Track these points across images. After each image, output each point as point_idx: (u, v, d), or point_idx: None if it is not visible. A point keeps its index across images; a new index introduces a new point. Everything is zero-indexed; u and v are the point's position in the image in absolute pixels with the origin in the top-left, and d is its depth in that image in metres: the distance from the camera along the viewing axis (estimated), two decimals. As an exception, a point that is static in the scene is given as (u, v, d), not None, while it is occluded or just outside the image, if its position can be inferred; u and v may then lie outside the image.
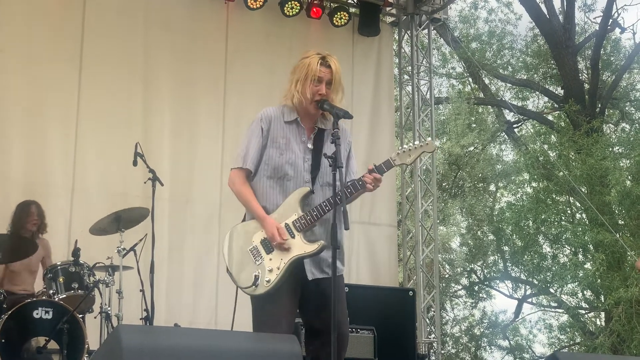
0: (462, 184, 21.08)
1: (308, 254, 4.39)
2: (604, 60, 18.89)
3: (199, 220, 9.52)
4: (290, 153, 4.53)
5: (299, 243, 4.40)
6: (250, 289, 4.36)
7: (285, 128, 4.57)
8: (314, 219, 4.41)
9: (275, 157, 4.53)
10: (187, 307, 9.27)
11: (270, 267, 4.37)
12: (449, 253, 20.96)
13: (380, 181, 4.53)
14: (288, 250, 4.38)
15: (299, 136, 4.58)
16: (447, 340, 21.47)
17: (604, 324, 18.42)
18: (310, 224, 4.42)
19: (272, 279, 4.35)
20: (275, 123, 4.57)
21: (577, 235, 16.22)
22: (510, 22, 20.70)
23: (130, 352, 3.27)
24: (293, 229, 4.42)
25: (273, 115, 4.59)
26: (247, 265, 4.42)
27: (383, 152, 10.57)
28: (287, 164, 4.51)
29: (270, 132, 4.55)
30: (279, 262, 4.38)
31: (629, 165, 16.70)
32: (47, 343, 6.55)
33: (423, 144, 4.65)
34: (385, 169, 4.55)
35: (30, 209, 7.71)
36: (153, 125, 9.43)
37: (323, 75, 4.51)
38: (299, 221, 4.42)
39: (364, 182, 4.46)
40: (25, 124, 8.79)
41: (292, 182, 4.51)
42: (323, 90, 4.50)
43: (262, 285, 4.35)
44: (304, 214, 4.43)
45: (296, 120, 4.58)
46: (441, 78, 21.16)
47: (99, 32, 9.28)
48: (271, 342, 3.84)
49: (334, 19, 10.58)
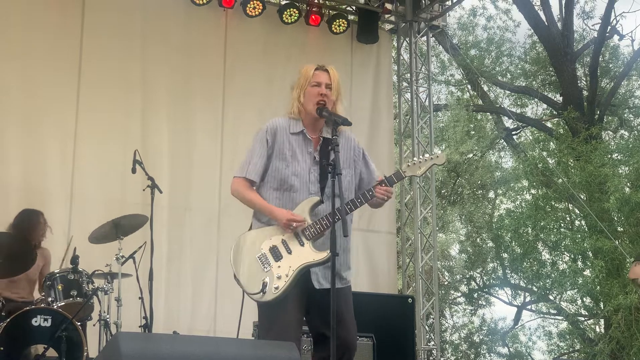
0: (461, 191, 21.09)
1: (317, 261, 4.42)
2: (603, 67, 18.92)
3: (197, 227, 9.51)
4: (296, 165, 4.55)
5: (308, 251, 4.43)
6: (258, 296, 4.36)
7: (291, 139, 4.59)
8: (324, 227, 4.44)
9: (281, 169, 4.55)
10: (186, 314, 9.26)
11: (279, 275, 4.38)
12: (448, 260, 20.97)
13: (391, 193, 4.56)
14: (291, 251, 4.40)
15: (306, 147, 4.60)
16: (447, 347, 21.46)
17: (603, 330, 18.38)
18: (319, 233, 4.45)
19: (281, 285, 4.36)
20: (282, 134, 4.59)
21: (576, 242, 16.21)
22: (509, 29, 20.74)
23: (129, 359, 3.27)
24: (302, 237, 4.45)
25: (279, 126, 4.61)
26: (256, 272, 4.42)
27: (382, 159, 10.59)
28: (293, 175, 4.54)
29: (276, 143, 4.58)
30: (287, 269, 4.40)
31: (627, 172, 16.71)
32: (46, 351, 6.53)
33: (434, 156, 4.72)
34: (396, 180, 4.59)
35: (39, 218, 7.69)
36: (152, 132, 9.43)
37: (320, 79, 4.56)
38: (309, 229, 4.45)
39: (374, 194, 4.48)
40: (23, 132, 8.80)
41: (298, 193, 4.54)
42: (323, 89, 4.54)
43: (271, 292, 4.35)
44: (313, 222, 4.46)
45: (302, 132, 4.60)
46: (440, 85, 21.20)
47: (98, 40, 9.29)
48: (270, 349, 3.84)
49: (332, 27, 10.59)
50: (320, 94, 4.53)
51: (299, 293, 4.42)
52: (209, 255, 9.34)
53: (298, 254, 4.42)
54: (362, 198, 4.51)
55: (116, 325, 7.28)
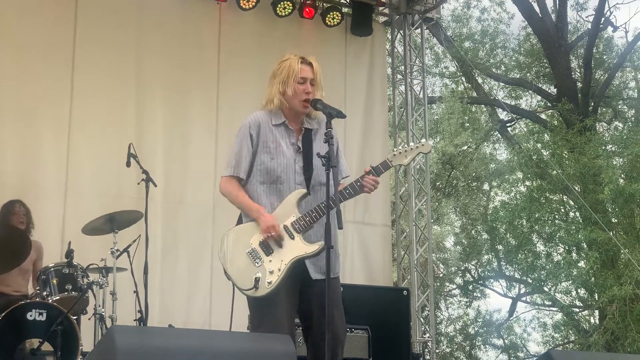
0: (455, 184, 21.11)
1: (309, 254, 4.41)
2: (597, 58, 18.92)
3: (192, 221, 9.51)
4: (281, 157, 4.55)
5: (299, 244, 4.42)
6: (251, 291, 4.35)
7: (274, 131, 4.59)
8: (313, 220, 4.44)
9: (266, 162, 4.54)
10: (181, 307, 9.26)
11: (271, 269, 4.37)
12: (443, 252, 21.00)
13: (378, 183, 4.58)
14: (281, 245, 4.40)
15: (288, 138, 4.60)
16: (442, 339, 21.50)
17: (598, 322, 18.44)
18: (309, 225, 4.44)
19: (274, 280, 4.35)
20: (264, 127, 4.59)
21: (570, 233, 16.23)
22: (503, 21, 20.76)
23: (125, 353, 3.27)
24: (292, 231, 4.44)
25: (261, 120, 4.61)
26: (247, 267, 4.41)
27: (376, 152, 10.58)
28: (278, 167, 4.53)
29: (260, 137, 4.57)
30: (279, 263, 4.39)
31: (621, 163, 16.74)
32: (41, 345, 6.52)
33: (419, 145, 4.73)
34: (383, 170, 4.60)
35: (14, 207, 7.60)
36: (146, 126, 9.42)
37: (306, 74, 4.56)
38: (298, 222, 4.44)
39: (362, 185, 4.50)
40: (18, 126, 8.77)
41: (285, 185, 4.53)
42: (309, 88, 4.55)
43: (264, 287, 4.34)
44: (302, 215, 4.45)
45: (284, 123, 4.60)
46: (434, 77, 21.22)
47: (92, 33, 9.27)
48: (265, 342, 3.84)
49: (326, 19, 10.57)
50: (306, 92, 4.54)
51: (291, 286, 4.41)
52: (204, 248, 9.33)
53: (289, 248, 4.41)
54: (350, 189, 4.51)
55: (111, 319, 7.27)
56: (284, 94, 4.56)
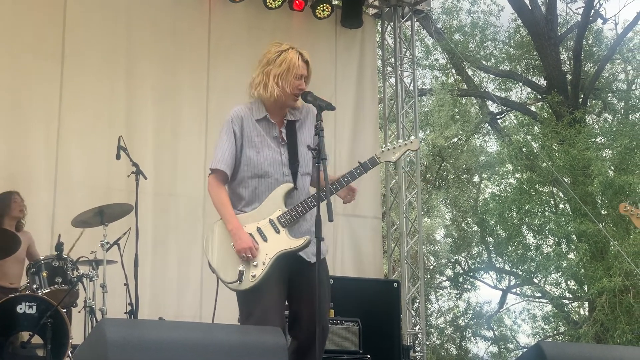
0: (446, 176, 21.14)
1: (294, 249, 4.41)
2: (586, 51, 18.98)
3: (182, 213, 9.50)
4: (267, 150, 4.54)
5: (285, 238, 4.42)
6: (235, 285, 4.35)
7: (257, 126, 4.58)
8: (299, 214, 4.45)
9: (253, 157, 4.54)
10: (171, 300, 9.25)
11: (256, 262, 4.37)
12: (434, 244, 21.03)
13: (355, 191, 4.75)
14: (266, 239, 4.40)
15: (271, 132, 4.59)
16: (432, 331, 21.55)
17: (587, 313, 18.54)
18: (294, 220, 4.45)
19: (258, 274, 4.35)
20: (247, 122, 4.58)
21: (560, 225, 16.31)
22: (493, 13, 20.81)
23: (115, 346, 3.26)
24: (278, 225, 4.44)
25: (243, 114, 4.60)
26: (231, 260, 4.40)
27: (366, 144, 10.59)
28: (265, 161, 4.53)
29: (244, 132, 4.56)
30: (264, 257, 4.38)
31: (611, 155, 16.81)
32: (31, 338, 6.51)
33: (407, 142, 4.78)
34: (371, 166, 4.64)
35: (13, 197, 7.64)
36: (136, 118, 9.39)
37: (303, 71, 4.59)
38: (284, 217, 4.44)
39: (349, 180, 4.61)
40: (7, 118, 8.73)
41: (273, 178, 4.52)
42: (304, 85, 4.58)
43: (247, 280, 4.34)
44: (288, 209, 4.45)
45: (266, 117, 4.60)
46: (424, 70, 21.23)
47: (81, 25, 9.23)
48: (256, 335, 3.84)
49: (316, 11, 10.56)
50: (299, 88, 4.54)
51: (278, 277, 4.40)
52: (195, 241, 9.30)
53: (274, 242, 4.41)
54: (337, 184, 4.57)
55: (102, 311, 7.27)
56: (285, 89, 4.54)
